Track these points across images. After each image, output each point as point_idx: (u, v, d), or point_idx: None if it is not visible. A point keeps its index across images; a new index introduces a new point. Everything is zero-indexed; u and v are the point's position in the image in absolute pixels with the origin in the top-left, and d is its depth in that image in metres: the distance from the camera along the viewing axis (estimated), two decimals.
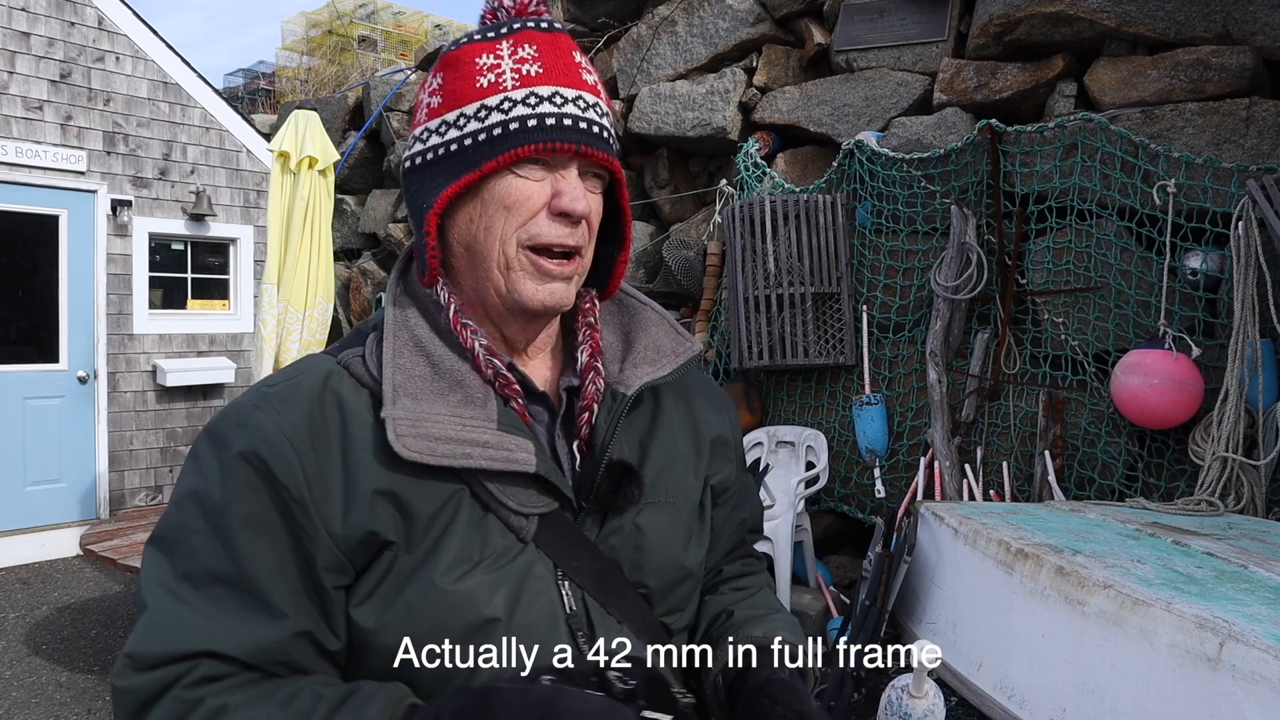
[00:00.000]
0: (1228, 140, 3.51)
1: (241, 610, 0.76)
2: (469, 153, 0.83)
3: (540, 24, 0.86)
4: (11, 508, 5.70)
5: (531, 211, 0.84)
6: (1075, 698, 1.90)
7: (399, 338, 0.85)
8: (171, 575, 0.77)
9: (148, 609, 0.76)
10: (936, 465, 4.05)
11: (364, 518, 0.78)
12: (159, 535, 0.80)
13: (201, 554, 0.77)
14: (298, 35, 15.25)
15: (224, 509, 0.77)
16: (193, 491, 0.80)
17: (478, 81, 0.83)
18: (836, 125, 4.81)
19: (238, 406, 0.83)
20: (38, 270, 5.92)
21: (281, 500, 0.78)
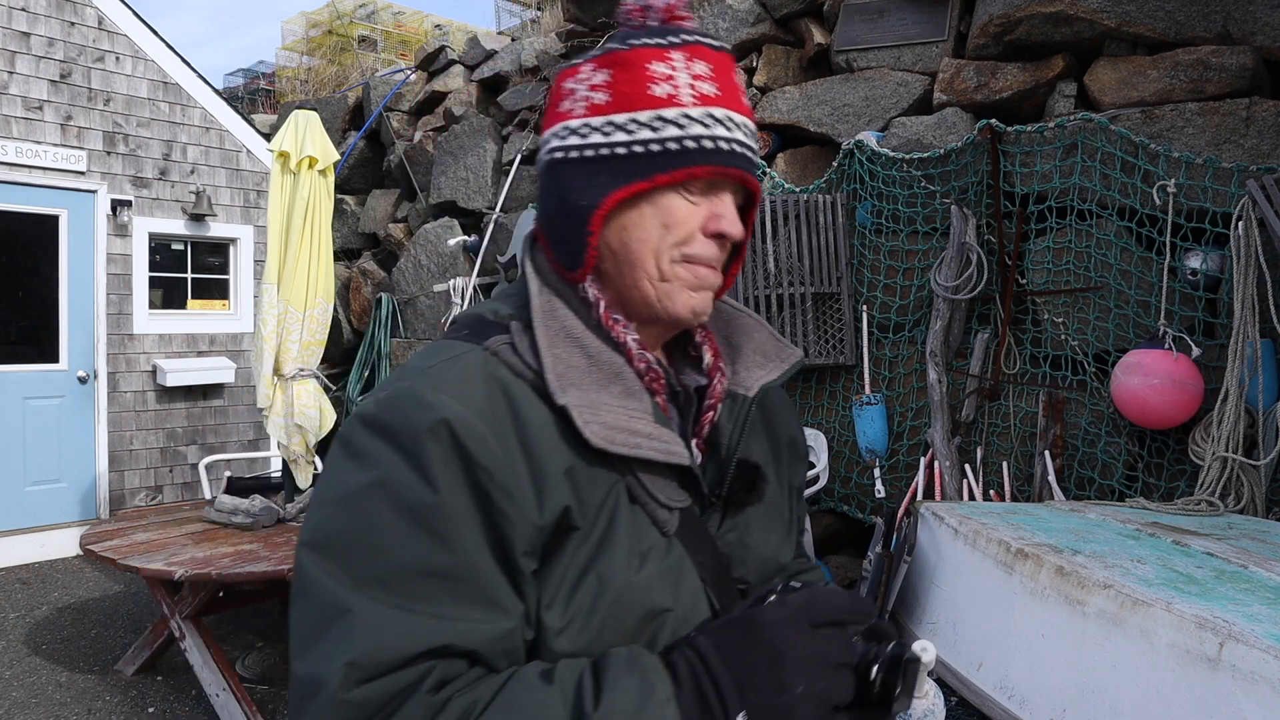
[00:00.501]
0: (1228, 140, 3.51)
1: (464, 602, 0.72)
2: (639, 161, 0.83)
3: (711, 42, 0.88)
4: (11, 508, 5.70)
5: (689, 231, 0.85)
6: (1075, 698, 1.90)
7: (549, 327, 0.84)
8: (360, 579, 0.71)
9: (352, 614, 0.69)
10: (936, 465, 4.05)
11: (559, 497, 0.76)
12: (326, 541, 0.73)
13: (399, 550, 0.71)
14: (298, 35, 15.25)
15: (422, 497, 0.72)
16: (372, 485, 0.73)
17: (652, 89, 0.83)
18: (836, 125, 4.81)
19: (406, 392, 0.77)
20: (38, 270, 5.92)
21: (479, 482, 0.74)
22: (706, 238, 0.86)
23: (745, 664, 0.71)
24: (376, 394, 0.79)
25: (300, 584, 0.73)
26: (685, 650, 0.75)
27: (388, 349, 7.25)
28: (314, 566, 0.72)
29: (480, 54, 7.34)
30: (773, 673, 0.70)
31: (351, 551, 0.72)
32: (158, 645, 3.88)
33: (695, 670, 0.72)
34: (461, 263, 6.72)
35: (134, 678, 3.90)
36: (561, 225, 0.87)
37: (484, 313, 0.88)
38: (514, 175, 6.44)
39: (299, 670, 0.70)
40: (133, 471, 6.28)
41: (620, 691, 0.69)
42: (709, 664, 0.72)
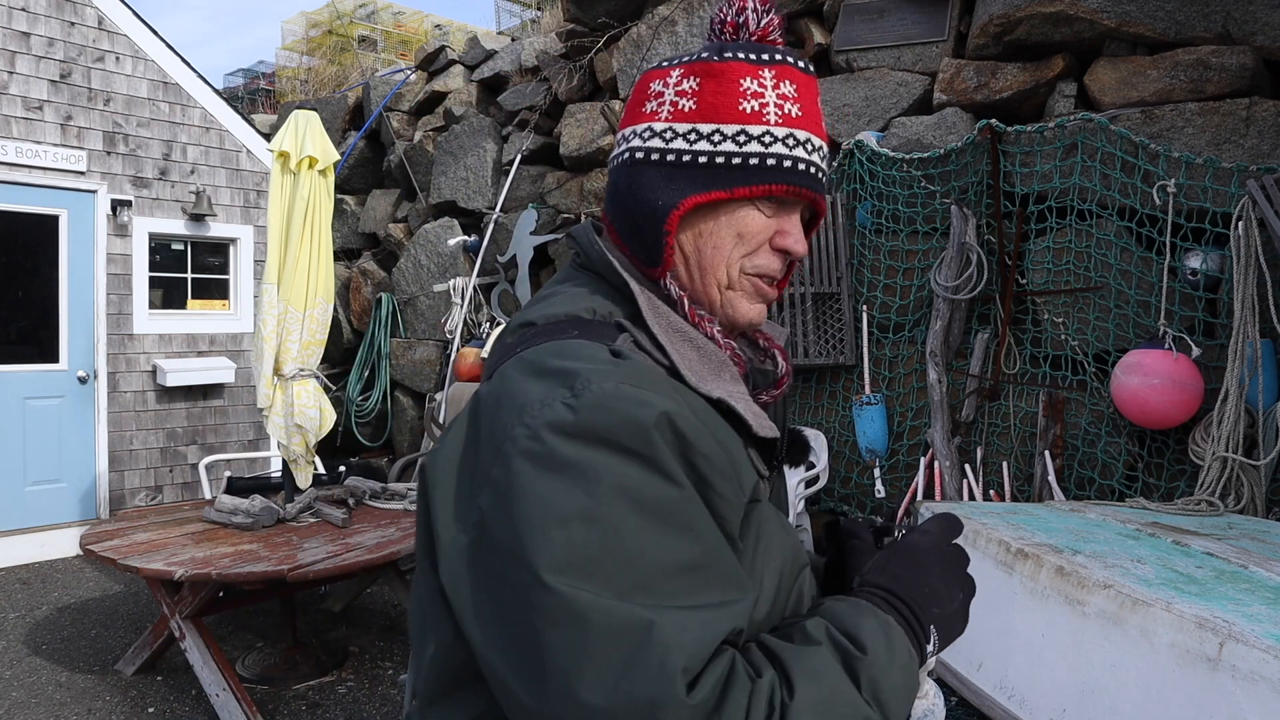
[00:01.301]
0: (1228, 140, 3.51)
1: (722, 587, 0.73)
2: (720, 171, 0.87)
3: (798, 63, 0.90)
4: (11, 508, 5.70)
5: (758, 244, 0.90)
6: (1075, 698, 1.90)
7: (661, 325, 0.86)
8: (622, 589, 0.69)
9: (656, 626, 0.67)
10: (936, 465, 4.05)
11: (750, 475, 0.82)
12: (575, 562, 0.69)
13: (653, 553, 0.70)
14: (298, 35, 15.25)
15: (665, 493, 0.72)
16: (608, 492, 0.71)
17: (741, 105, 0.86)
18: (836, 125, 4.81)
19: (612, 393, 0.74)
20: (38, 270, 5.92)
21: (701, 470, 0.75)
22: (773, 252, 0.91)
23: (922, 586, 0.84)
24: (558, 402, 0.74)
25: (557, 611, 0.68)
26: (869, 591, 0.84)
27: (388, 349, 7.25)
28: (575, 590, 0.68)
29: (480, 54, 7.34)
30: (946, 588, 0.86)
31: (609, 565, 0.69)
32: (158, 645, 3.88)
33: (891, 602, 0.82)
34: (461, 263, 6.71)
35: (134, 678, 3.90)
36: (640, 222, 0.90)
37: (577, 312, 0.87)
38: (514, 175, 6.44)
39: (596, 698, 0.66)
40: (133, 471, 6.28)
41: (869, 632, 0.77)
42: (898, 594, 0.83)
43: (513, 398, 0.77)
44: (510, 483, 0.73)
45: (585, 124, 5.97)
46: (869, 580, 0.85)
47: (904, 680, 0.77)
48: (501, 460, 0.74)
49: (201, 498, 5.33)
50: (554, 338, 0.83)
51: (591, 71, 6.18)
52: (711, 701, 0.67)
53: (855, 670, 0.73)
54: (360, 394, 7.32)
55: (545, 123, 6.41)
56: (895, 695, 0.75)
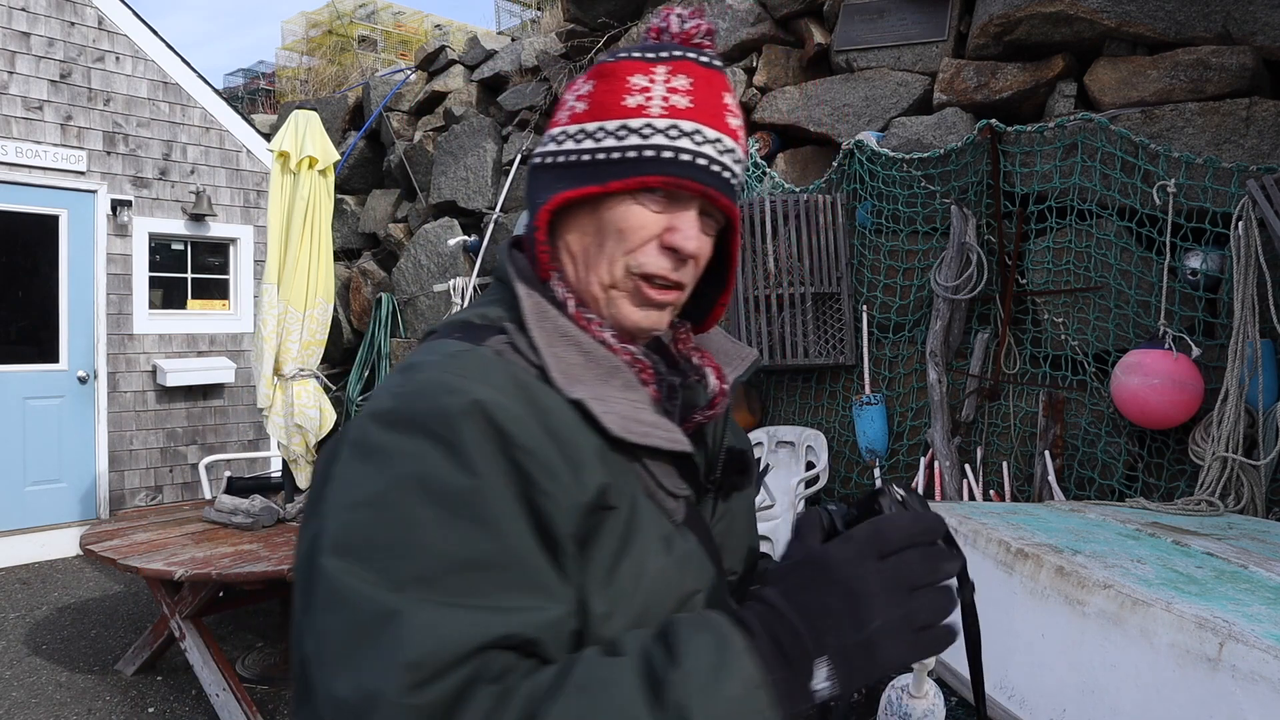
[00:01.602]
0: (1228, 140, 3.51)
1: (514, 590, 0.68)
2: (598, 167, 0.85)
3: (701, 58, 0.87)
4: (11, 508, 5.70)
5: (643, 240, 0.85)
6: (1075, 698, 1.90)
7: (544, 328, 0.84)
8: (399, 580, 0.66)
9: (401, 616, 0.64)
10: (936, 465, 4.05)
11: (597, 475, 0.75)
12: (356, 545, 0.68)
13: (440, 543, 0.67)
14: (298, 35, 15.25)
15: (460, 482, 0.69)
16: (403, 478, 0.69)
17: (625, 100, 0.85)
18: (836, 125, 4.81)
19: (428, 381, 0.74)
20: (38, 270, 5.92)
21: (520, 465, 0.71)
22: (662, 250, 0.85)
23: (819, 606, 0.68)
24: (387, 392, 0.76)
25: (327, 596, 0.67)
26: (752, 604, 0.72)
27: (388, 349, 7.25)
28: (345, 575, 0.66)
29: (480, 54, 7.34)
30: (849, 611, 0.68)
31: (388, 552, 0.67)
32: (158, 645, 3.88)
33: (767, 620, 0.69)
34: (461, 263, 6.72)
35: (134, 678, 3.90)
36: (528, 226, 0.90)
37: (469, 318, 0.87)
38: (514, 175, 6.44)
39: (341, 689, 0.63)
40: (133, 471, 6.28)
41: (695, 649, 0.66)
42: (781, 612, 0.69)
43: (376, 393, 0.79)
44: (327, 469, 0.74)
45: None
46: (756, 592, 0.73)
47: (729, 711, 0.64)
48: (326, 448, 0.76)
49: (201, 498, 5.33)
50: (441, 338, 0.85)
51: None
52: (441, 705, 0.62)
53: (658, 689, 0.63)
54: (360, 394, 7.32)
55: (545, 123, 6.41)
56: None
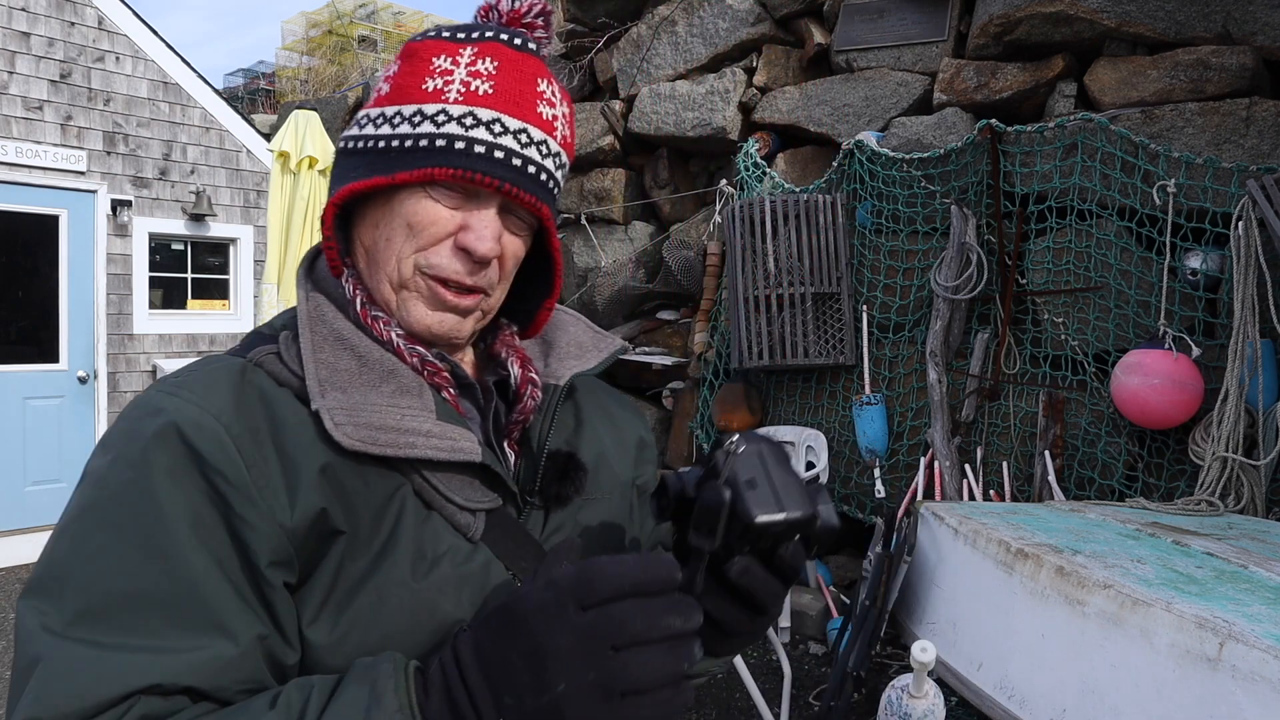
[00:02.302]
0: (1228, 140, 3.51)
1: (181, 628, 0.63)
2: (390, 155, 0.77)
3: (514, 40, 0.79)
4: (11, 508, 5.70)
5: (435, 238, 0.78)
6: (1075, 698, 1.90)
7: (317, 332, 0.78)
8: (67, 617, 0.62)
9: (42, 662, 0.60)
10: (936, 465, 4.05)
11: (314, 497, 0.69)
12: (37, 581, 0.65)
13: (107, 577, 0.63)
14: (298, 35, 15.26)
15: (139, 510, 0.64)
16: (86, 508, 0.66)
17: (425, 83, 0.77)
18: (836, 125, 4.81)
19: (141, 403, 0.71)
20: (38, 270, 5.92)
21: (215, 488, 0.66)
22: (456, 251, 0.78)
23: (501, 662, 0.61)
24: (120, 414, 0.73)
25: (18, 635, 0.63)
26: (445, 650, 0.65)
27: None
28: (24, 612, 0.63)
29: None
30: (530, 670, 0.59)
31: (62, 585, 0.63)
32: None
33: (448, 673, 0.63)
34: None
35: None
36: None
37: (260, 327, 0.84)
38: None
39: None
40: None
41: (342, 705, 0.61)
42: (462, 665, 0.62)
43: None
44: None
45: (585, 124, 5.97)
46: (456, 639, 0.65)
47: None
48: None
49: None
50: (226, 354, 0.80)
51: (591, 71, 6.18)
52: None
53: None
54: None
55: None
56: None
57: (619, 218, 5.87)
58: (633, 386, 5.76)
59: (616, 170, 5.89)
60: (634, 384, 5.73)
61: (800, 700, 3.57)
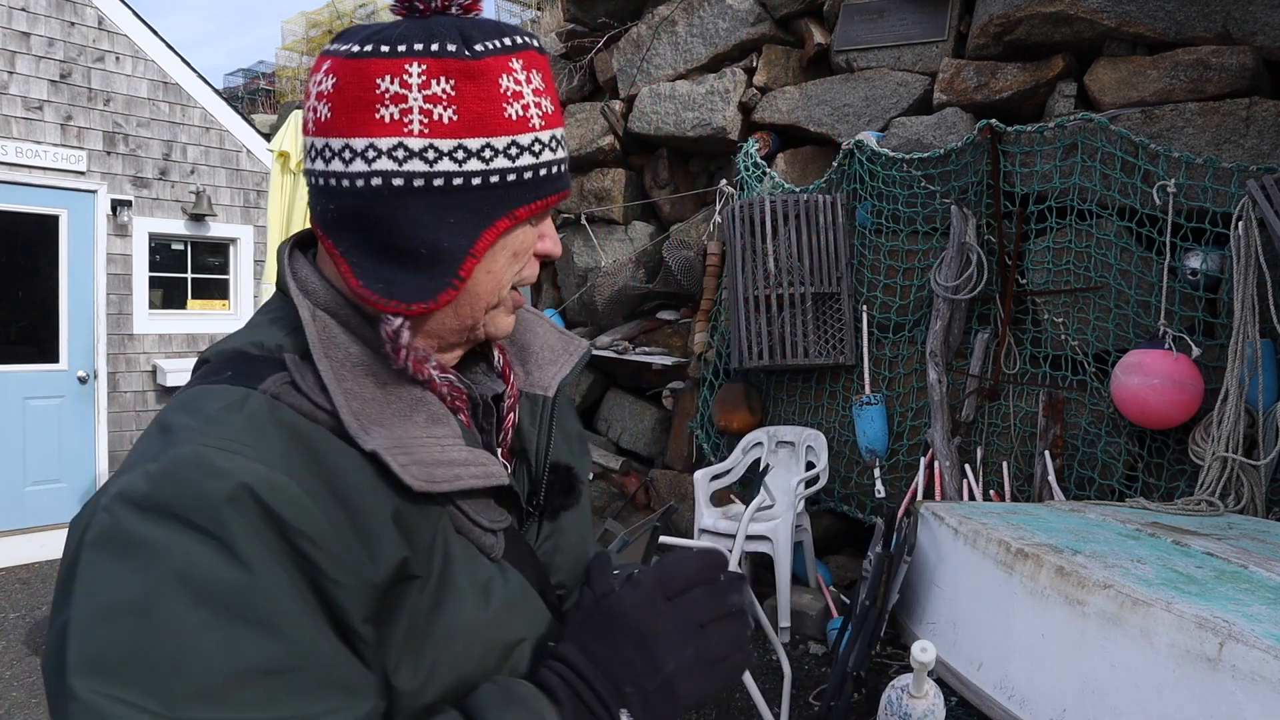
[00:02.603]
0: (1228, 140, 3.51)
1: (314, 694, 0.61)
2: (498, 193, 0.74)
3: (536, 43, 0.77)
4: (11, 508, 5.70)
5: (529, 257, 0.80)
6: (1075, 698, 1.90)
7: (333, 358, 0.73)
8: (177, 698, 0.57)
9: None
10: (936, 465, 4.05)
11: (393, 548, 0.68)
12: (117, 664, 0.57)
13: (218, 653, 0.58)
14: (298, 35, 15.26)
15: (234, 581, 0.60)
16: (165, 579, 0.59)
17: (506, 110, 0.73)
18: (836, 125, 4.81)
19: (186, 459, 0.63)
20: (38, 270, 5.92)
21: (302, 552, 0.63)
22: (535, 259, 0.81)
23: (614, 658, 0.70)
24: (140, 469, 0.63)
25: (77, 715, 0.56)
26: (553, 664, 0.72)
27: None
28: (108, 701, 0.56)
29: None
30: (643, 657, 0.70)
31: (156, 670, 0.57)
32: None
33: (569, 680, 0.70)
34: None
35: None
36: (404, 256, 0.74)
37: (243, 346, 0.74)
38: None
39: None
40: None
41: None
42: (579, 670, 0.70)
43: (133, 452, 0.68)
44: (72, 562, 0.62)
45: (585, 124, 5.97)
46: (556, 651, 0.73)
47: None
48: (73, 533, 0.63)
49: None
50: (209, 379, 0.72)
51: (591, 71, 6.18)
52: None
53: None
54: None
55: None
56: None
57: (619, 218, 5.87)
58: (633, 386, 5.76)
59: (616, 170, 5.89)
60: (634, 384, 5.73)
61: (800, 700, 3.57)
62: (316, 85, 0.74)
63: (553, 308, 6.11)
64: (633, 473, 5.46)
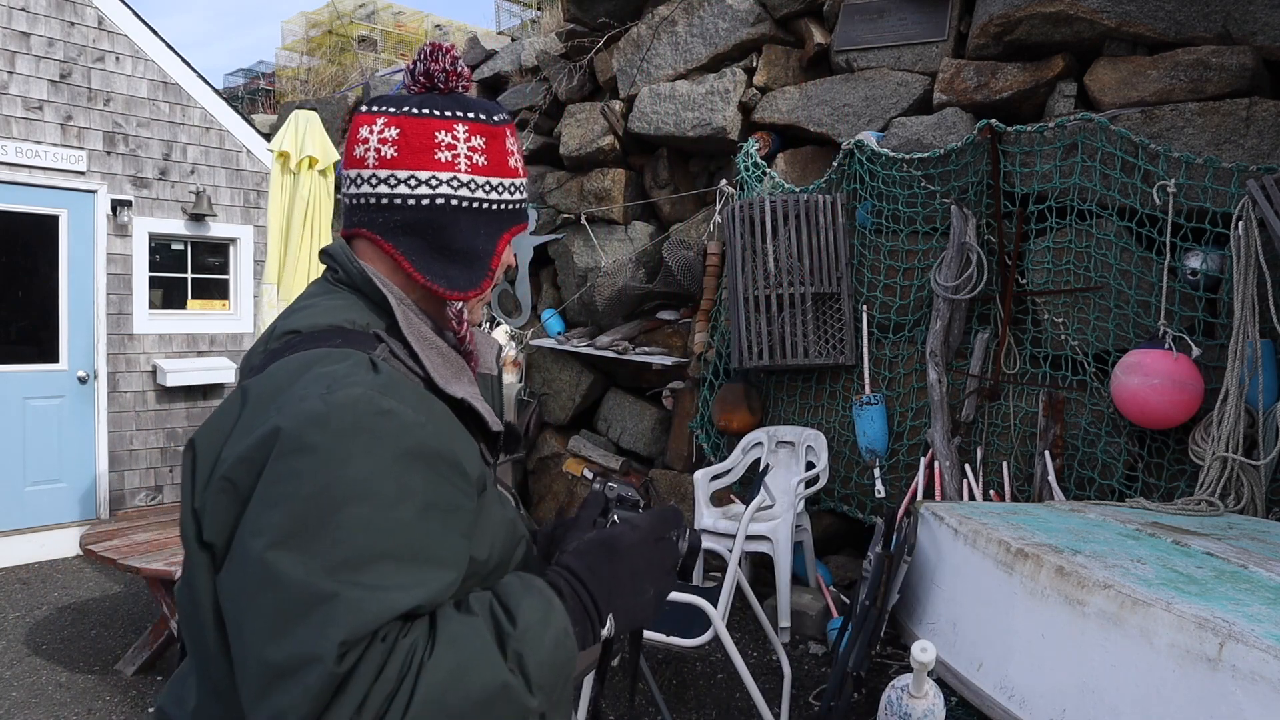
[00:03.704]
0: (1228, 140, 3.51)
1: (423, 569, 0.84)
2: (507, 214, 1.11)
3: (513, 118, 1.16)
4: (11, 508, 5.70)
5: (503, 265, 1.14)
6: (1075, 698, 1.90)
7: (415, 335, 1.01)
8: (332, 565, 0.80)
9: (337, 598, 0.78)
10: (936, 465, 4.05)
11: (476, 469, 0.95)
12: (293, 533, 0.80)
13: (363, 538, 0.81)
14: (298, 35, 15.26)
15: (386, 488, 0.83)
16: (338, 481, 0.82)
17: (509, 161, 1.11)
18: (836, 125, 4.81)
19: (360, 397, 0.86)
20: (38, 270, 5.92)
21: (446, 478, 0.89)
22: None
23: (612, 578, 0.98)
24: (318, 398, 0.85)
25: (266, 577, 0.79)
26: (560, 571, 0.98)
27: None
28: (280, 561, 0.79)
29: (480, 54, 7.34)
30: (632, 583, 1.00)
31: (323, 543, 0.80)
32: (158, 645, 3.88)
33: (573, 586, 0.96)
34: None
35: (134, 678, 3.90)
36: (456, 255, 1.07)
37: (338, 322, 1.00)
38: None
39: (275, 654, 0.77)
40: (133, 471, 6.27)
41: (527, 609, 0.89)
42: (583, 580, 0.97)
43: (282, 393, 0.88)
44: (265, 463, 0.84)
45: (585, 124, 5.97)
46: (561, 561, 0.99)
47: (554, 655, 0.89)
48: (262, 444, 0.84)
49: None
50: (319, 344, 0.95)
51: (591, 71, 6.18)
52: (350, 663, 0.78)
53: (503, 641, 0.85)
54: None
55: (545, 123, 6.42)
56: (543, 667, 0.87)
57: (619, 218, 5.87)
58: (633, 386, 5.76)
59: (616, 170, 5.89)
60: (634, 384, 5.73)
61: (800, 700, 3.57)
62: (378, 133, 1.05)
63: (553, 307, 6.11)
64: (633, 473, 5.46)
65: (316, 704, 0.76)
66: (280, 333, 1.00)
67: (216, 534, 0.86)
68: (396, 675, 0.79)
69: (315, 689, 0.76)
